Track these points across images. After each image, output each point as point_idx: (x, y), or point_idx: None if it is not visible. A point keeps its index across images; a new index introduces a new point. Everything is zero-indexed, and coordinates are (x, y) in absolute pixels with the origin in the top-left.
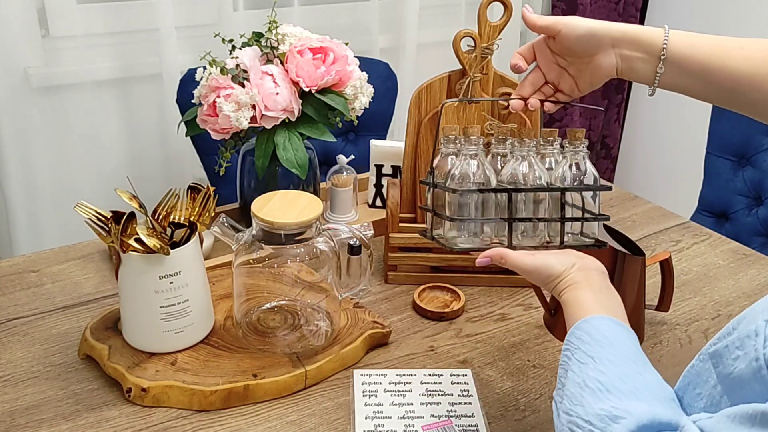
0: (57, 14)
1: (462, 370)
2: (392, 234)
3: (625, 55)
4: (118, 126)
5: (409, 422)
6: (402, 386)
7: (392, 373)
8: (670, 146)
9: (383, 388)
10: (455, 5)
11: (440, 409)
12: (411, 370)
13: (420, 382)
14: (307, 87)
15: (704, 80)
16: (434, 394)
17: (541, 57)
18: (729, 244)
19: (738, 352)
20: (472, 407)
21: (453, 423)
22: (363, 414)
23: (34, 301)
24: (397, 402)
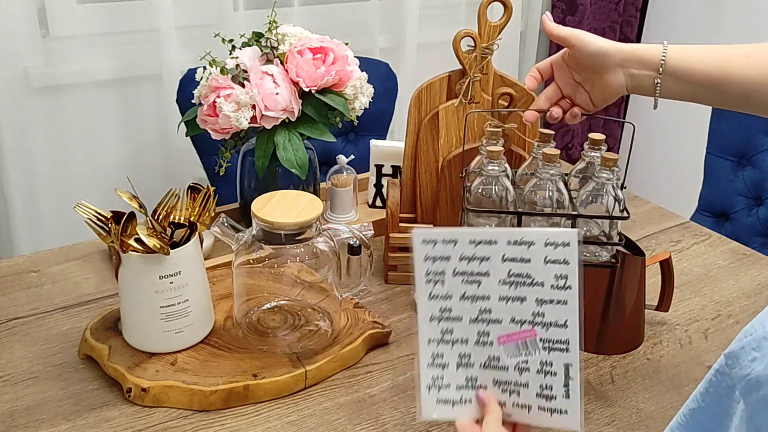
0: (57, 14)
1: (564, 235)
2: (392, 234)
3: (632, 74)
4: (118, 126)
5: (483, 328)
6: (477, 265)
7: (464, 238)
8: (670, 146)
9: (452, 267)
10: (455, 5)
11: (525, 309)
12: (491, 231)
13: (502, 258)
14: (307, 87)
15: (712, 90)
16: (519, 283)
17: (559, 72)
18: (729, 244)
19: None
20: (567, 308)
21: (537, 335)
22: (427, 313)
23: (34, 301)
24: (470, 294)
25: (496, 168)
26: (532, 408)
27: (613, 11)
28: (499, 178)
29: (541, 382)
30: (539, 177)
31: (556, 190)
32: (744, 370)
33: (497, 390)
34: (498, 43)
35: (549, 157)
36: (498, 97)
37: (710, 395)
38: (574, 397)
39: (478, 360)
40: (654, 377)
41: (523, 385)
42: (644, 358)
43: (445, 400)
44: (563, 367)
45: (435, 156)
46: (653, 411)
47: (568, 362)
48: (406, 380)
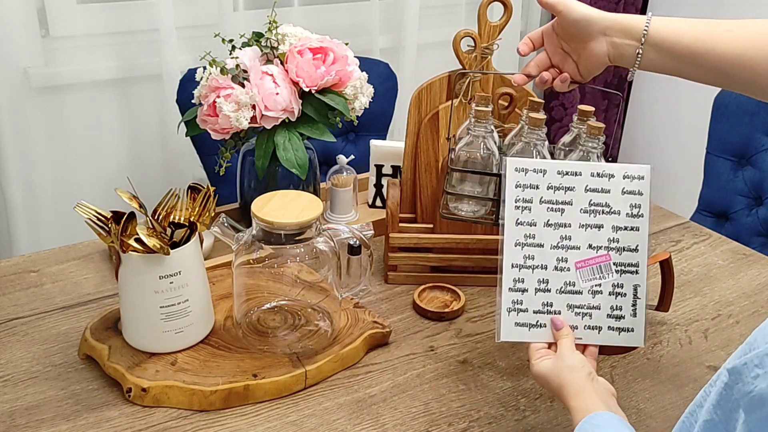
0: (57, 14)
1: (640, 168)
2: (392, 234)
3: (615, 42)
4: (118, 126)
5: (562, 254)
6: (562, 194)
7: (553, 168)
8: (670, 146)
9: (540, 196)
10: (455, 5)
11: (601, 235)
12: (576, 163)
13: (585, 188)
14: (307, 87)
15: (693, 64)
16: (598, 212)
17: (548, 41)
18: (729, 244)
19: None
20: (639, 234)
21: (611, 259)
22: (513, 238)
23: (34, 301)
24: (554, 221)
25: (482, 129)
26: (602, 329)
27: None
28: (485, 138)
29: (612, 303)
30: (525, 141)
31: (541, 156)
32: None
33: (570, 314)
34: (498, 43)
35: (535, 122)
36: (498, 97)
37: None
38: (641, 315)
39: (555, 285)
40: (654, 377)
41: (595, 307)
42: (644, 358)
43: (522, 324)
44: (632, 288)
45: (435, 156)
46: (653, 411)
47: (637, 283)
48: (406, 380)
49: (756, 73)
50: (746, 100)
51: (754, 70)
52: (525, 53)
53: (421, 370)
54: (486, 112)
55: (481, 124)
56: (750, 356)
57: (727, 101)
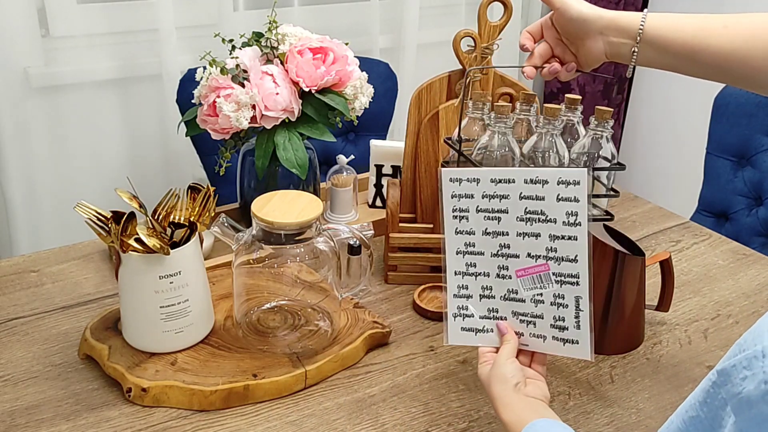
0: (57, 14)
1: (575, 174)
2: (392, 234)
3: (611, 41)
4: (118, 126)
5: (503, 262)
6: (497, 202)
7: (486, 177)
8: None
9: (476, 205)
10: (455, 5)
11: (539, 244)
12: (509, 170)
13: (519, 195)
14: (307, 87)
15: (690, 60)
16: (534, 220)
17: (548, 33)
18: (729, 244)
19: (746, 371)
20: (577, 244)
21: (550, 269)
22: (454, 246)
23: (34, 301)
24: (491, 230)
25: (503, 125)
26: (546, 338)
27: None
28: (506, 134)
29: (554, 313)
30: (542, 132)
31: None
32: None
33: (516, 321)
34: (498, 43)
35: (552, 112)
36: (498, 97)
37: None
38: (585, 328)
39: (498, 292)
40: (654, 377)
41: (538, 316)
42: (644, 358)
43: (468, 329)
44: (574, 299)
45: (435, 156)
46: (653, 411)
47: (578, 295)
48: (406, 380)
49: (751, 68)
50: (746, 100)
51: (749, 64)
52: (530, 48)
53: (421, 370)
54: (507, 107)
55: (502, 120)
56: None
57: (727, 101)
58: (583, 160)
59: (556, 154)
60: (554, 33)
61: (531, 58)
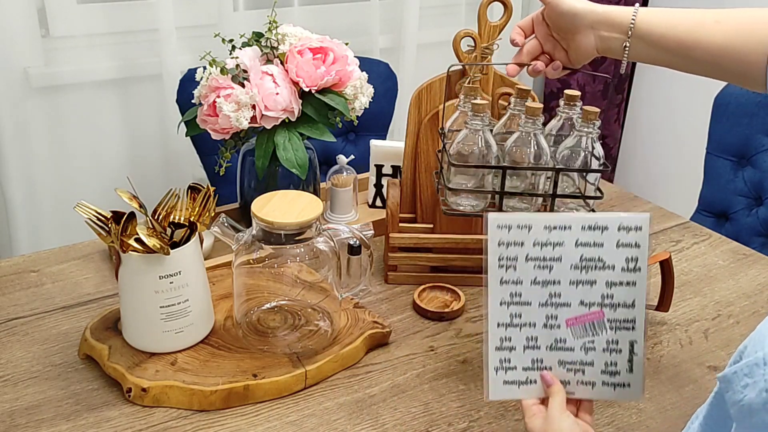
0: (57, 14)
1: (637, 218)
2: (392, 234)
3: (602, 35)
4: (118, 126)
5: (551, 311)
6: (550, 250)
7: (539, 224)
8: (670, 146)
9: (525, 253)
10: (455, 5)
11: (594, 292)
12: (565, 216)
13: (575, 243)
14: (307, 87)
15: (682, 55)
16: (590, 268)
17: (539, 29)
18: (729, 244)
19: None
20: (635, 290)
21: (605, 316)
22: (498, 297)
23: (34, 301)
24: (541, 279)
25: (479, 122)
26: (596, 384)
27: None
28: (483, 131)
29: (606, 359)
30: (522, 131)
31: (537, 145)
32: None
33: (562, 370)
34: (498, 43)
35: (532, 111)
36: (498, 97)
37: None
38: (638, 371)
39: (544, 342)
40: (654, 377)
41: (588, 363)
42: (644, 358)
43: (511, 381)
44: (629, 344)
45: (435, 156)
46: (654, 411)
47: (634, 339)
48: (406, 380)
49: (744, 63)
50: (747, 100)
51: (742, 60)
52: (520, 43)
53: (421, 370)
54: (483, 105)
55: (479, 117)
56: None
57: (728, 101)
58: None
59: (538, 150)
60: (545, 28)
61: (518, 55)
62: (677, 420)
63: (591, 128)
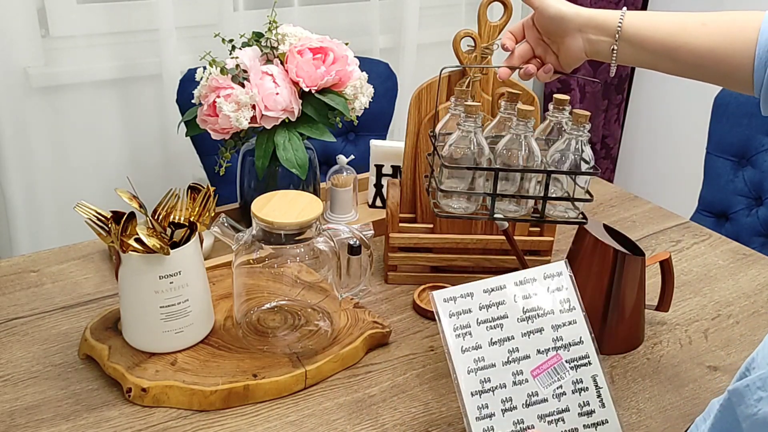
0: (57, 14)
1: (556, 266)
2: (392, 234)
3: (590, 39)
4: (118, 126)
5: (516, 368)
6: (495, 310)
7: (478, 289)
8: (670, 146)
9: (475, 318)
10: (455, 5)
11: (545, 338)
12: (499, 278)
13: (514, 298)
14: (307, 87)
15: (669, 58)
16: (534, 317)
17: (529, 33)
18: (729, 244)
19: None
20: (578, 327)
21: (563, 358)
22: (464, 366)
23: (34, 301)
24: (497, 338)
25: (472, 124)
26: (578, 430)
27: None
28: (475, 134)
29: (578, 401)
30: (513, 133)
31: (528, 148)
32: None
33: (543, 424)
34: (498, 43)
35: (524, 113)
36: (498, 97)
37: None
38: (609, 404)
39: (519, 401)
40: (654, 377)
41: (564, 410)
42: (644, 358)
43: None
44: (591, 379)
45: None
46: (653, 411)
47: (594, 373)
48: (406, 380)
49: (729, 65)
50: (746, 100)
51: (727, 62)
52: (511, 48)
53: (421, 370)
54: (476, 107)
55: (471, 119)
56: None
57: (727, 101)
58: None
59: (529, 154)
60: (535, 33)
61: (510, 59)
62: (677, 420)
63: (581, 131)
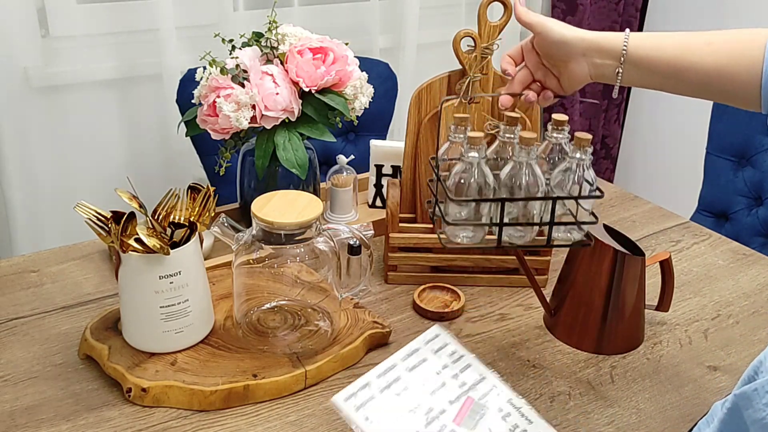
0: (57, 14)
1: (432, 331)
2: (392, 234)
3: (595, 63)
4: (118, 126)
5: (439, 424)
6: (396, 386)
7: (372, 377)
8: (670, 146)
9: (380, 401)
10: (455, 5)
11: (451, 389)
12: (386, 362)
13: (408, 369)
14: (307, 87)
15: (674, 78)
16: (431, 377)
17: (529, 57)
18: (729, 244)
19: None
20: (475, 369)
21: (474, 398)
22: None
23: (34, 301)
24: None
25: (476, 155)
26: None
27: (613, 11)
28: (480, 164)
29: (508, 426)
30: (516, 161)
31: (532, 174)
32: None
33: None
34: (498, 43)
35: (527, 141)
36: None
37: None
38: (534, 418)
39: None
40: (654, 377)
41: None
42: (644, 358)
43: None
44: (509, 404)
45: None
46: (653, 411)
47: (508, 398)
48: None
49: (736, 84)
50: None
51: (734, 80)
52: (512, 73)
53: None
54: (479, 138)
55: (474, 150)
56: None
57: None
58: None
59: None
60: (535, 57)
61: (511, 85)
62: (677, 420)
63: (583, 156)
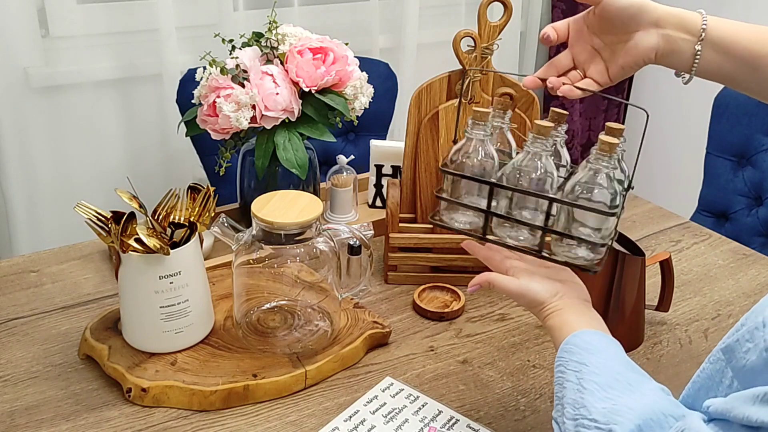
0: (57, 14)
1: (384, 383)
2: (392, 234)
3: (669, 35)
4: (118, 126)
5: None
6: (362, 428)
7: (339, 422)
8: (670, 146)
9: None
10: (455, 5)
11: (413, 424)
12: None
13: (373, 412)
14: (307, 87)
15: (750, 66)
16: (394, 415)
17: (576, 36)
18: (729, 244)
19: (748, 344)
20: (431, 406)
21: (437, 426)
22: None
23: (34, 301)
24: None
25: (481, 132)
26: None
27: None
28: (485, 142)
29: None
30: (528, 151)
31: (544, 169)
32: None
33: None
34: (498, 43)
35: (540, 130)
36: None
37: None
38: None
39: None
40: (654, 377)
41: None
42: (644, 358)
43: None
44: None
45: (435, 156)
46: None
47: (466, 423)
48: (406, 380)
49: None
50: (746, 100)
51: None
52: (553, 38)
53: (421, 370)
54: (485, 113)
55: (479, 126)
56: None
57: (727, 101)
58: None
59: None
60: (584, 36)
61: (545, 69)
62: None
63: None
